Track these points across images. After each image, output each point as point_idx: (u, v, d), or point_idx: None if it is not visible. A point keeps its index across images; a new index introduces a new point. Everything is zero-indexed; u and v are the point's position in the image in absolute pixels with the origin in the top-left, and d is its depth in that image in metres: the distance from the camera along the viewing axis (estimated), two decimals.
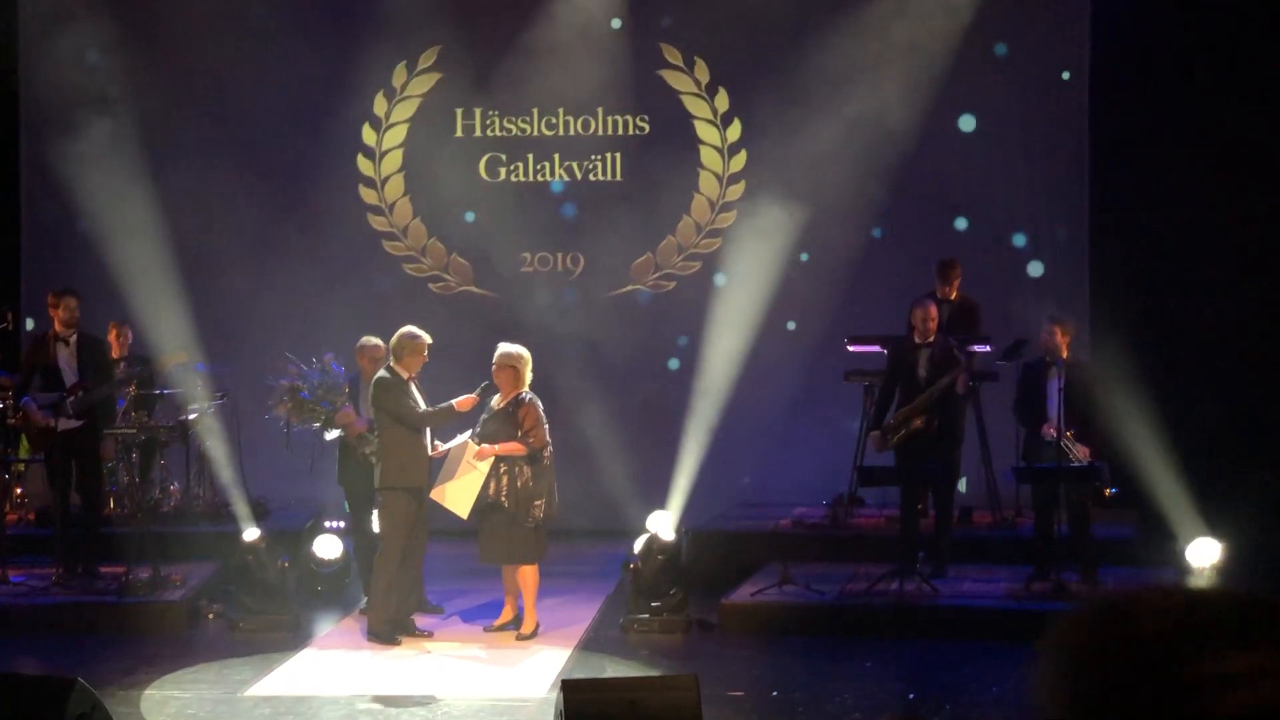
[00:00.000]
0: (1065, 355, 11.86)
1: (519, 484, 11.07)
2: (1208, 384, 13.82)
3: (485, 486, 11.06)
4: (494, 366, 11.25)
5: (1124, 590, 1.85)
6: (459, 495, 11.13)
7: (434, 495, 11.20)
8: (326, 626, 11.92)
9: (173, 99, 15.27)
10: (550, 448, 11.25)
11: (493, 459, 11.06)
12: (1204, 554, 11.34)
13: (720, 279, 15.03)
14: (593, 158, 15.45)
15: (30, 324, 14.75)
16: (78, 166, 14.68)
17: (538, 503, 11.11)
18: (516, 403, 11.13)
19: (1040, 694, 1.77)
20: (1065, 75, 14.74)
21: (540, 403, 11.21)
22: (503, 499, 11.06)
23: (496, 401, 11.23)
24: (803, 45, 14.74)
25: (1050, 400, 11.77)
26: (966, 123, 14.85)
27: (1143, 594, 1.81)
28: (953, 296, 13.35)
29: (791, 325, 14.82)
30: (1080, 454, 11.60)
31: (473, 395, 11.13)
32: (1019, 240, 14.81)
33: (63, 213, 14.80)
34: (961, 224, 14.86)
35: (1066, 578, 11.54)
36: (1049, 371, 11.85)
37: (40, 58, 15.02)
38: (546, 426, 11.19)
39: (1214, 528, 11.64)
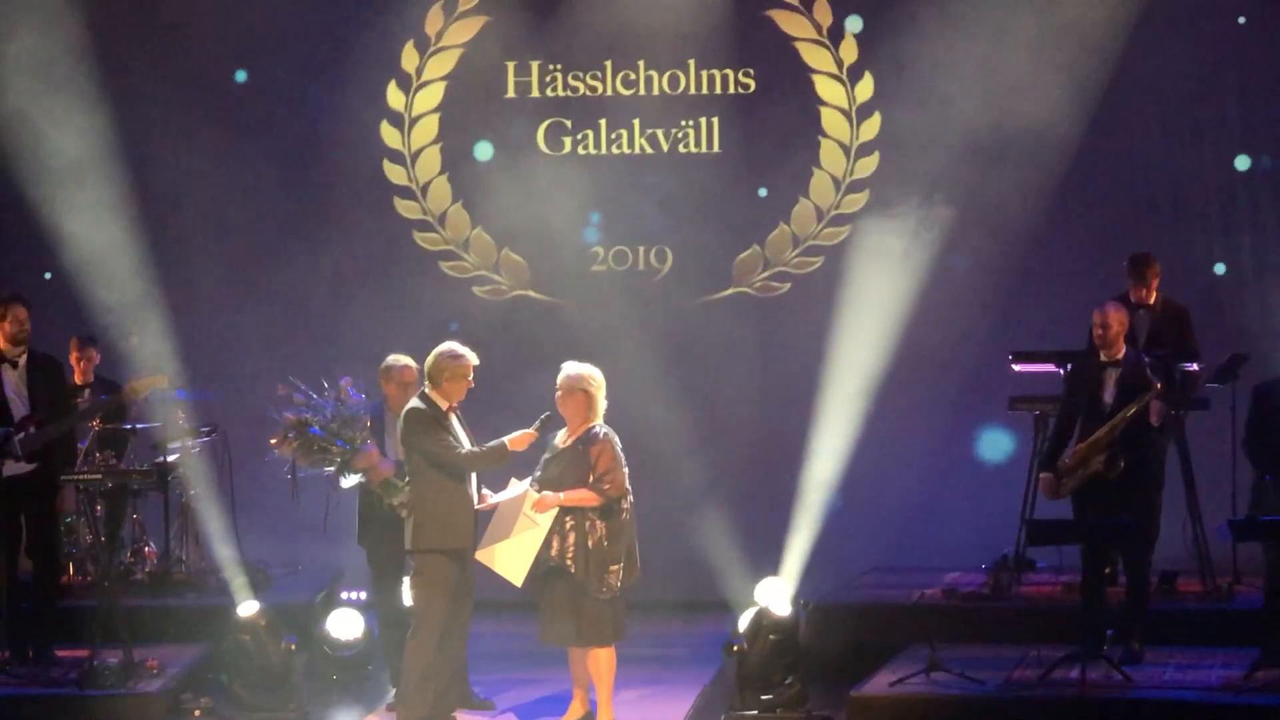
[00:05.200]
0: None
1: (590, 543, 11.06)
2: None
3: (546, 545, 11.06)
4: (558, 392, 11.28)
5: None
6: (513, 557, 11.12)
7: (481, 557, 11.20)
8: None
9: (147, 57, 15.44)
10: (631, 497, 11.27)
11: (556, 511, 11.08)
12: None
13: None
14: (683, 124, 15.51)
15: None
16: (31, 138, 14.86)
17: (614, 568, 11.09)
18: (588, 439, 11.14)
19: None
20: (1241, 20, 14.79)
21: (617, 439, 11.23)
22: (568, 562, 11.05)
23: (561, 438, 11.26)
24: None
25: None
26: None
27: None
28: (1150, 301, 13.30)
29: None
30: None
31: (530, 430, 11.15)
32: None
33: (17, 201, 14.93)
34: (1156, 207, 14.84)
35: None
36: None
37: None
38: (626, 470, 11.20)
39: None
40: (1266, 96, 14.84)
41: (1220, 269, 14.88)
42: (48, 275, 15.06)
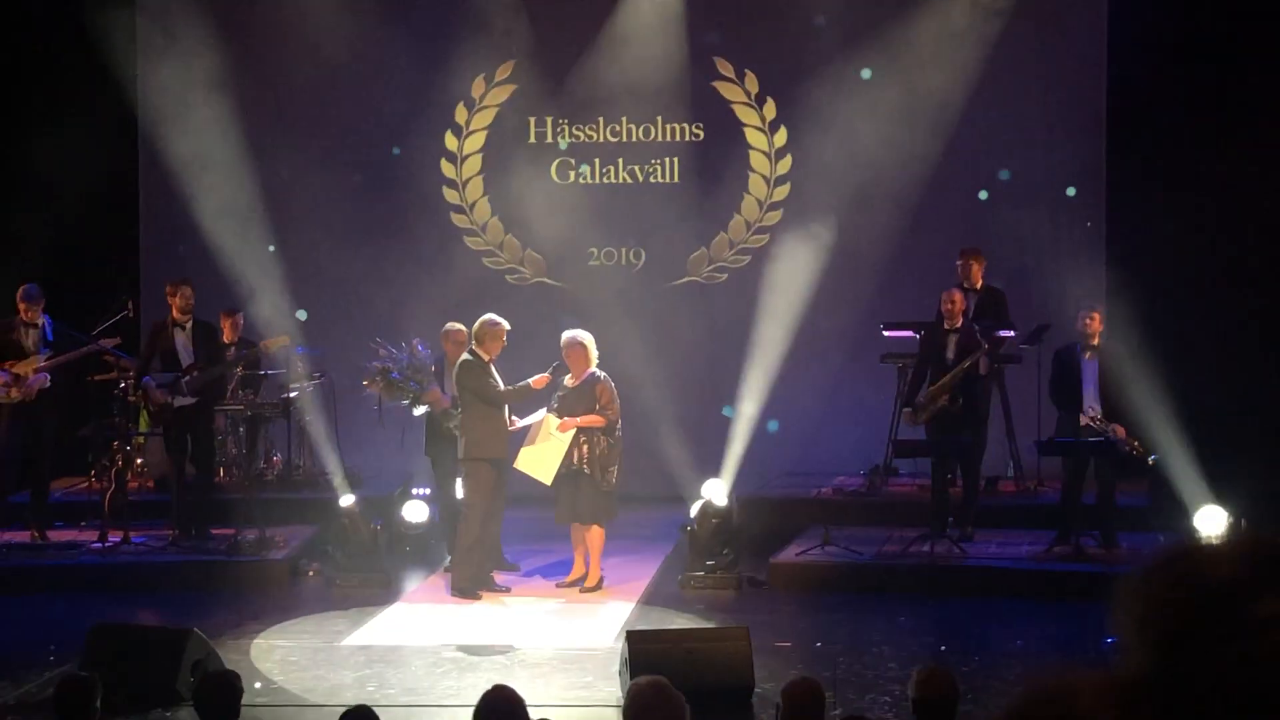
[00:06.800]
0: (1097, 342, 11.73)
1: (598, 452, 11.13)
2: (1219, 363, 13.61)
3: (568, 455, 11.10)
4: (563, 349, 11.28)
5: (1196, 539, 1.87)
6: (543, 463, 11.17)
7: (519, 465, 11.22)
8: (414, 583, 11.94)
9: (276, 108, 15.27)
10: (620, 421, 11.29)
11: (574, 431, 11.09)
12: (1211, 521, 11.19)
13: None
14: (653, 162, 15.39)
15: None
16: (189, 171, 14.67)
17: (612, 469, 11.18)
18: (592, 380, 11.17)
19: (1122, 635, 1.80)
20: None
21: (612, 381, 11.27)
22: (584, 466, 11.10)
23: (570, 380, 11.26)
24: (846, 56, 14.62)
25: (1086, 383, 11.64)
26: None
27: (1210, 543, 1.84)
28: (978, 285, 13.24)
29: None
30: (1117, 432, 11.42)
31: (545, 374, 11.16)
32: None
33: (177, 208, 14.75)
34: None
35: (1085, 542, 11.46)
36: (1083, 356, 11.72)
37: (153, 70, 14.98)
38: (618, 402, 11.24)
39: (1221, 497, 11.46)
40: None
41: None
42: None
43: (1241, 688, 1.71)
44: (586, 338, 11.32)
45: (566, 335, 11.35)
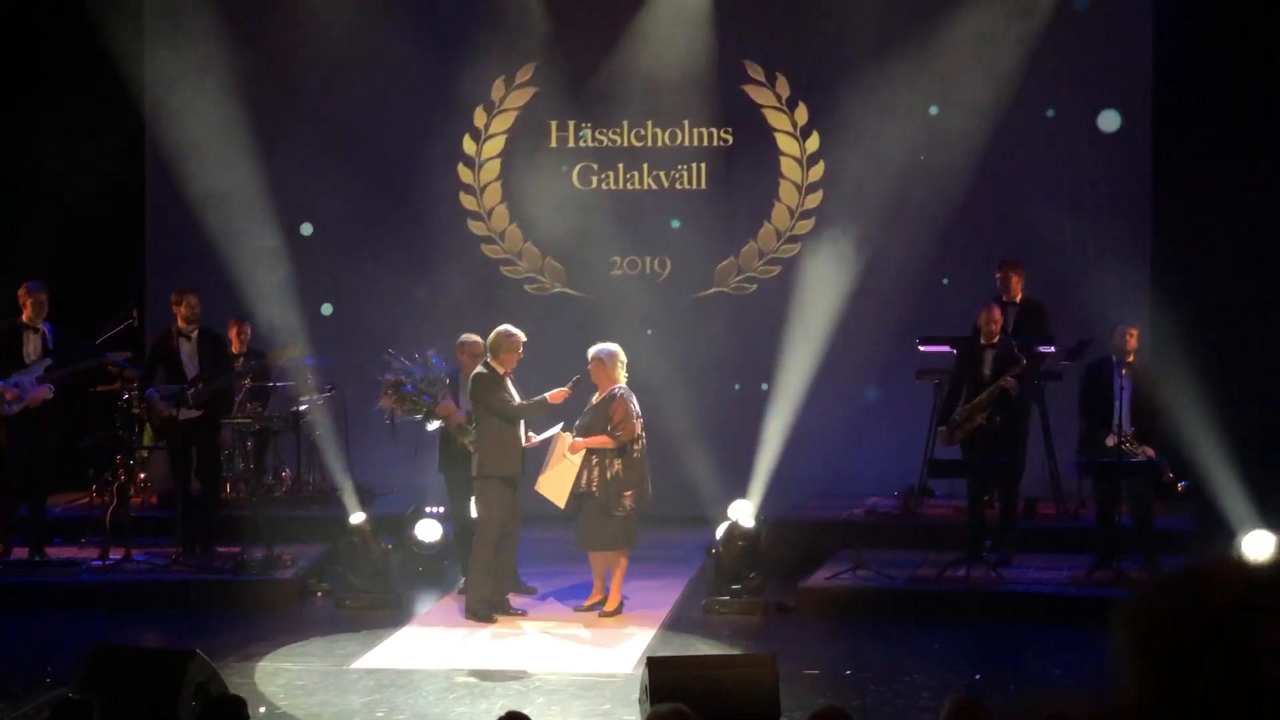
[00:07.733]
0: (1132, 358, 11.72)
1: (608, 475, 11.10)
2: (1265, 382, 13.59)
3: (579, 477, 11.11)
4: (590, 363, 11.33)
5: (1193, 564, 1.86)
6: (556, 485, 11.19)
7: (539, 488, 11.28)
8: (427, 605, 11.96)
9: (286, 109, 15.34)
10: (642, 440, 11.25)
11: (584, 452, 11.10)
12: (1259, 545, 11.17)
13: None
14: (679, 167, 15.42)
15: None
16: (197, 172, 14.72)
17: (627, 493, 11.11)
18: (609, 398, 11.17)
19: (1117, 661, 1.79)
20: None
21: (633, 398, 11.22)
22: (593, 489, 11.09)
23: (595, 396, 11.31)
24: (880, 60, 14.64)
25: (1117, 399, 11.64)
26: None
27: (1211, 568, 1.83)
28: (1017, 298, 13.24)
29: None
30: (1145, 453, 11.44)
31: (564, 389, 11.17)
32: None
33: (183, 214, 14.81)
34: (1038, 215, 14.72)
35: (1126, 566, 11.44)
36: (1115, 371, 11.71)
37: (161, 66, 15.05)
38: (639, 420, 11.18)
39: (1269, 520, 11.44)
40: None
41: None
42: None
43: (1243, 713, 1.70)
44: (606, 354, 11.28)
45: (594, 349, 11.37)
